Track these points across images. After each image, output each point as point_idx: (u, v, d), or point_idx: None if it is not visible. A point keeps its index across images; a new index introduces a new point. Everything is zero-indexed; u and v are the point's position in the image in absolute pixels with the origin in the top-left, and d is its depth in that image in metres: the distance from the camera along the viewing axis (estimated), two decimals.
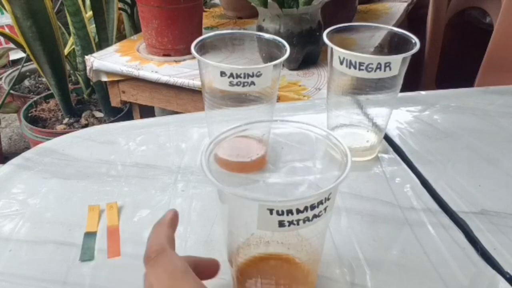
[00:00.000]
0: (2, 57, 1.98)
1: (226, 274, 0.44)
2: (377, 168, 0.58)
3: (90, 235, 0.48)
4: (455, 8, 1.46)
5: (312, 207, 0.31)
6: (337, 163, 0.37)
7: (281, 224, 0.32)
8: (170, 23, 1.18)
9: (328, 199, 0.32)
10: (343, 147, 0.36)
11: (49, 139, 0.67)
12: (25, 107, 1.64)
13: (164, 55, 1.22)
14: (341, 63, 0.53)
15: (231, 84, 0.50)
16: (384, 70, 0.51)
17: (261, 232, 0.37)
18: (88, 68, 1.22)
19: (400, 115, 0.69)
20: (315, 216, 0.32)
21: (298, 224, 0.32)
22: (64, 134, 0.66)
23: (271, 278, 0.39)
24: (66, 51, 1.61)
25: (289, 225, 0.32)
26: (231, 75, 0.49)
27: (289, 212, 0.31)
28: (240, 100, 0.52)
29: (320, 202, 0.32)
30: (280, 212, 0.31)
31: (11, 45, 1.80)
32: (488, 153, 0.61)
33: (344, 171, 0.33)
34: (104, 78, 1.23)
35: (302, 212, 0.31)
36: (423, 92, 0.77)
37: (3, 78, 1.93)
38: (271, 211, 0.31)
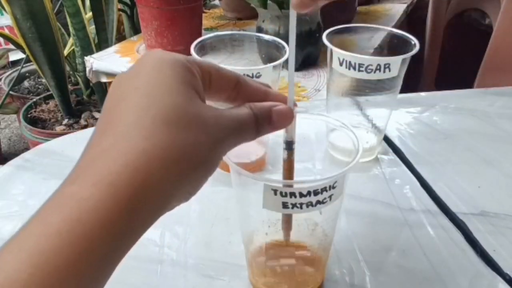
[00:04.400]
0: (1, 58, 1.98)
1: (226, 275, 0.44)
2: (376, 169, 0.58)
3: None
4: (454, 9, 1.47)
5: (316, 192, 0.32)
6: (337, 163, 0.37)
7: (284, 205, 0.33)
8: (170, 24, 1.18)
9: (334, 187, 0.33)
10: (355, 137, 0.37)
11: (49, 140, 0.66)
12: (24, 108, 1.64)
13: None
14: (341, 64, 0.53)
15: None
16: (384, 71, 0.51)
17: (272, 218, 0.38)
18: (87, 69, 1.22)
19: (400, 116, 0.69)
20: (318, 202, 0.33)
21: (301, 207, 0.33)
22: (63, 135, 0.66)
23: (283, 262, 0.40)
24: (65, 52, 1.61)
25: (292, 208, 0.33)
26: None
27: (292, 194, 0.32)
28: None
29: (324, 189, 0.33)
30: (283, 194, 0.32)
31: (11, 46, 1.80)
32: (487, 154, 0.61)
33: (355, 159, 0.34)
34: (104, 79, 1.23)
35: (305, 196, 0.32)
36: (422, 93, 0.77)
37: (2, 79, 1.92)
38: (275, 191, 0.32)
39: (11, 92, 1.76)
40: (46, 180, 0.56)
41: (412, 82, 0.75)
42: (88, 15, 1.52)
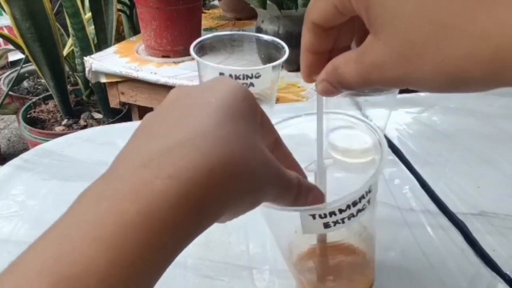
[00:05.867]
0: (1, 58, 1.98)
1: (225, 275, 0.44)
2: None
3: None
4: None
5: (355, 203, 0.32)
6: (337, 164, 0.37)
7: (326, 225, 0.32)
8: (169, 25, 1.19)
9: (369, 191, 0.33)
10: (379, 135, 0.36)
11: (48, 140, 0.66)
12: (24, 108, 1.64)
13: (163, 56, 1.22)
14: None
15: None
16: None
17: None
18: (87, 69, 1.22)
19: (399, 116, 0.69)
20: (359, 210, 0.32)
21: (343, 222, 0.32)
22: (63, 135, 0.66)
23: (329, 268, 0.39)
24: (65, 52, 1.61)
25: (334, 225, 0.32)
26: (230, 76, 0.49)
27: (332, 213, 0.31)
28: None
29: (362, 197, 0.32)
30: (322, 216, 0.31)
31: (10, 46, 1.80)
32: (487, 154, 0.61)
33: (381, 161, 0.33)
34: (103, 79, 1.23)
35: (345, 211, 0.31)
36: (422, 94, 0.77)
37: (2, 79, 1.92)
38: (313, 216, 0.31)
39: (10, 92, 1.76)
40: (45, 180, 0.56)
41: None
42: (87, 15, 1.52)
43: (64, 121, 1.60)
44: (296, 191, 0.29)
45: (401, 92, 0.57)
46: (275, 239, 0.39)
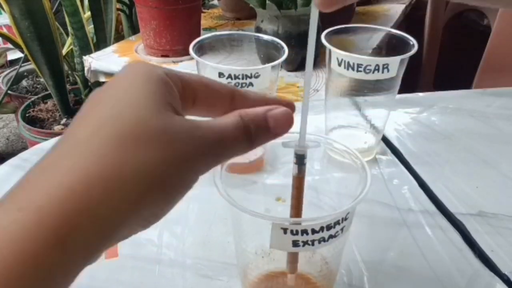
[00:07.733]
0: (0, 57, 1.98)
1: (224, 275, 0.44)
2: (375, 169, 0.58)
3: None
4: (453, 10, 1.47)
5: (329, 227, 0.31)
6: (335, 164, 0.37)
7: (295, 244, 0.31)
8: (169, 24, 1.18)
9: (346, 219, 0.32)
10: (362, 162, 0.35)
11: (47, 140, 0.66)
12: (22, 107, 1.64)
13: (163, 56, 1.22)
14: (339, 64, 0.53)
15: None
16: (382, 72, 0.51)
17: (265, 248, 0.36)
18: (86, 68, 1.22)
19: (398, 116, 0.69)
20: (331, 236, 0.31)
21: (313, 244, 0.31)
22: (61, 135, 0.66)
23: None
24: (64, 51, 1.61)
25: (303, 245, 0.31)
26: (230, 76, 0.49)
27: (304, 232, 0.30)
28: None
29: (337, 223, 0.31)
30: (294, 232, 0.30)
31: (9, 45, 1.80)
32: (485, 154, 0.61)
33: (364, 189, 0.32)
34: (102, 79, 1.23)
35: (317, 232, 0.30)
36: (421, 94, 0.77)
37: (0, 78, 1.92)
38: (285, 230, 0.30)
39: (9, 91, 1.75)
40: None
41: (411, 83, 0.76)
42: (86, 14, 1.52)
43: (63, 121, 1.60)
44: (243, 134, 0.25)
45: (400, 92, 0.57)
46: (236, 256, 0.38)
